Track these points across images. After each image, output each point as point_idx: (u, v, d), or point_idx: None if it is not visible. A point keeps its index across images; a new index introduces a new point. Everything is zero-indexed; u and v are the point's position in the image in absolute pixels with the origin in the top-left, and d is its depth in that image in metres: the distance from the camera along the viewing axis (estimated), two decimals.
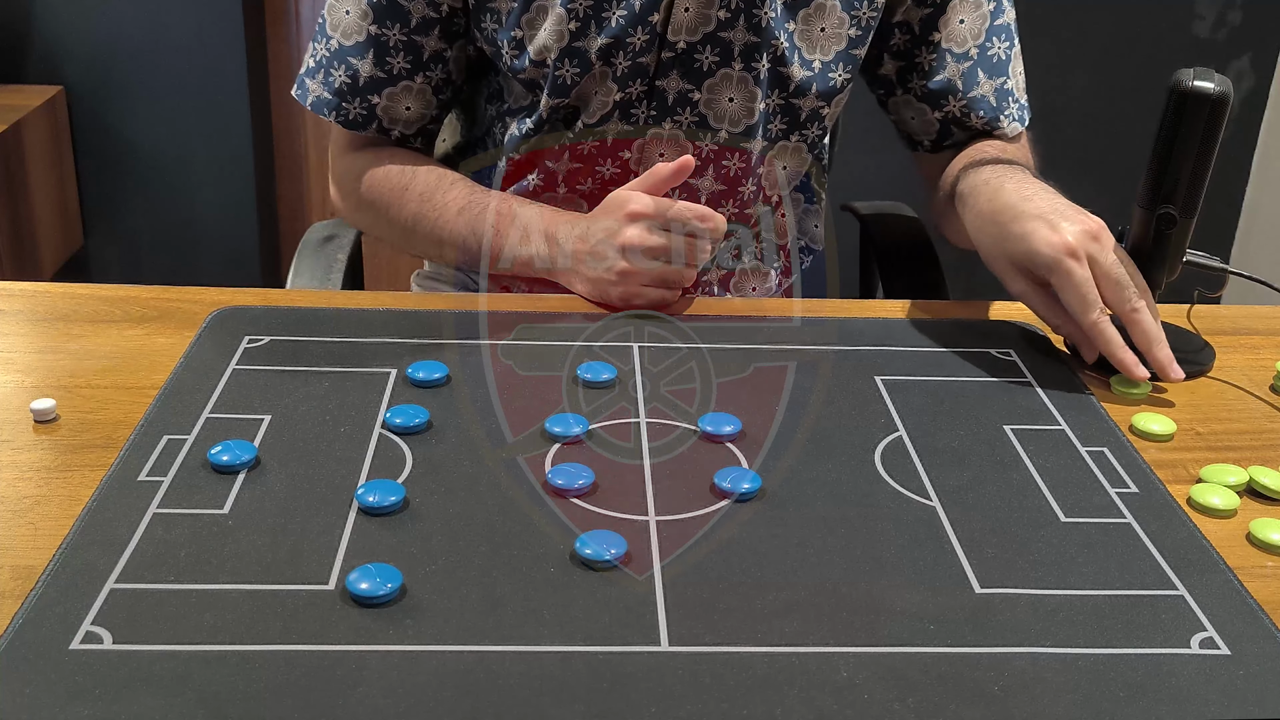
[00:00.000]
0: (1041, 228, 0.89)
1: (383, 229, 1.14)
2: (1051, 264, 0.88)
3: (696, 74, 1.06)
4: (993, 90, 1.13)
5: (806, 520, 0.72)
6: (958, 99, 1.12)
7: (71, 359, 0.87)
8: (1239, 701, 0.59)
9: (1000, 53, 1.13)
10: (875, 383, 0.88)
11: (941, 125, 1.15)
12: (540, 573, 0.66)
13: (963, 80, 1.12)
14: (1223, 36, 2.45)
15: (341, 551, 0.67)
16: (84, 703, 0.56)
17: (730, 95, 1.07)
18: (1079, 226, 0.89)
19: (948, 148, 1.16)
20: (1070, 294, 0.88)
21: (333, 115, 1.11)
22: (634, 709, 0.57)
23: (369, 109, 1.10)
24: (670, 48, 1.05)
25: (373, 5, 1.06)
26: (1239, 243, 2.58)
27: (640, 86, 1.06)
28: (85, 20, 2.34)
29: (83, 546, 0.66)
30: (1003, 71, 1.13)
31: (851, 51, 1.09)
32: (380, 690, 0.57)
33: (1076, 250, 0.88)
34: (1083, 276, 0.88)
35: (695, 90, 1.07)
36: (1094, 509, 0.75)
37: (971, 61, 1.12)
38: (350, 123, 1.11)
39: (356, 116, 1.11)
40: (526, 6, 1.04)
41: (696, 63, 1.06)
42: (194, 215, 2.50)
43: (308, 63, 1.12)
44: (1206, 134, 0.88)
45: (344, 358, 0.88)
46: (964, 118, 1.13)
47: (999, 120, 1.13)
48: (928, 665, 0.61)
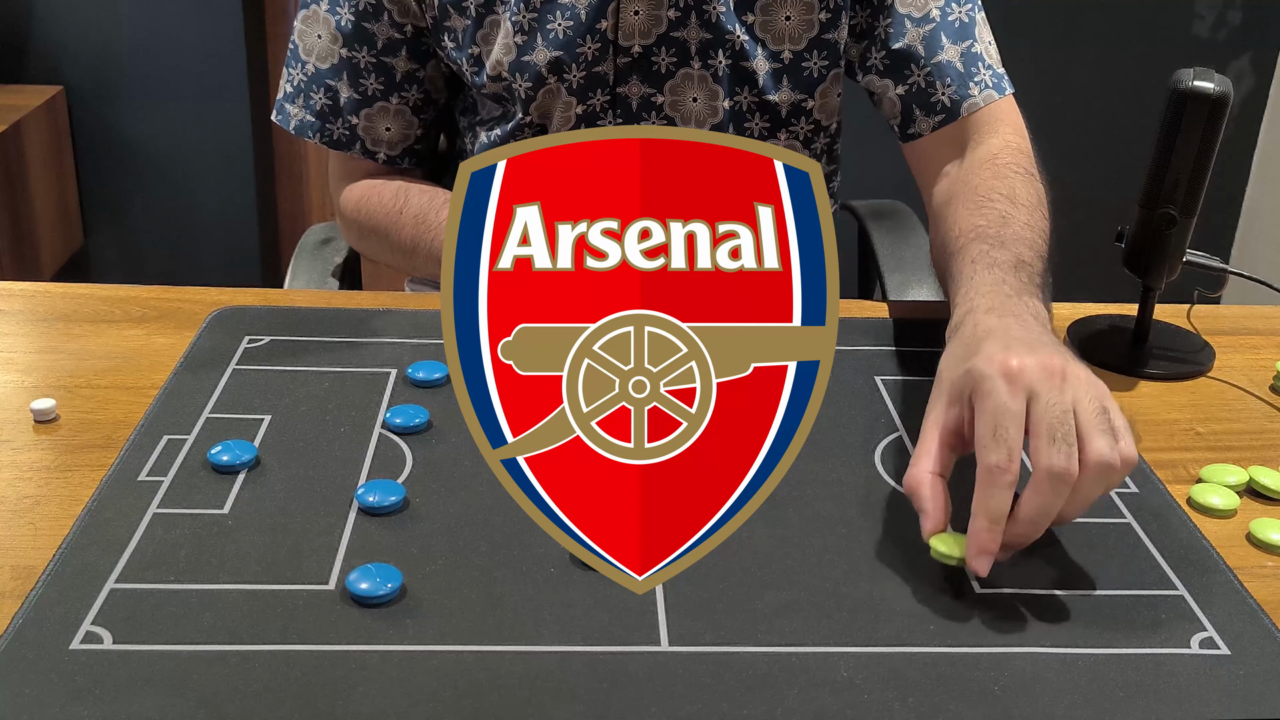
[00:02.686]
0: (994, 345, 0.71)
1: (385, 255, 1.15)
2: (978, 378, 0.69)
3: (656, 77, 1.06)
4: (958, 55, 1.06)
5: (806, 520, 0.72)
6: (921, 67, 1.06)
7: (71, 359, 0.87)
8: (1239, 701, 0.59)
9: (962, 16, 1.06)
10: (875, 383, 0.88)
11: (903, 103, 1.07)
12: (540, 573, 0.66)
13: (924, 45, 1.05)
14: (1223, 36, 2.45)
15: (341, 551, 0.67)
16: (84, 703, 0.56)
17: (693, 95, 1.07)
18: (1045, 358, 0.69)
19: (913, 135, 1.08)
20: (981, 420, 0.67)
21: (317, 137, 1.12)
22: (634, 709, 0.57)
23: (350, 129, 1.11)
24: (625, 53, 1.04)
25: (340, 29, 1.07)
26: (1239, 243, 2.58)
27: (603, 97, 1.06)
28: (85, 20, 2.34)
29: (83, 546, 0.66)
30: (968, 35, 1.06)
31: (825, 37, 1.06)
32: (380, 690, 0.57)
33: (1017, 375, 0.67)
34: (1004, 404, 0.67)
35: (658, 93, 1.06)
36: (1094, 509, 0.75)
37: (934, 24, 1.05)
38: (335, 143, 1.12)
39: (340, 137, 1.12)
40: (480, 23, 1.05)
41: (654, 65, 1.05)
42: (194, 215, 2.49)
43: (284, 88, 1.13)
44: (1206, 134, 0.88)
45: (344, 358, 0.88)
46: (929, 89, 1.06)
47: (969, 89, 1.05)
48: (928, 665, 0.61)
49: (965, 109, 1.05)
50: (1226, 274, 0.96)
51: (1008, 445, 0.65)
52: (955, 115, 1.06)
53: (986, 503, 0.64)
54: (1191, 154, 0.89)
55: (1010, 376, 0.67)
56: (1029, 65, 2.39)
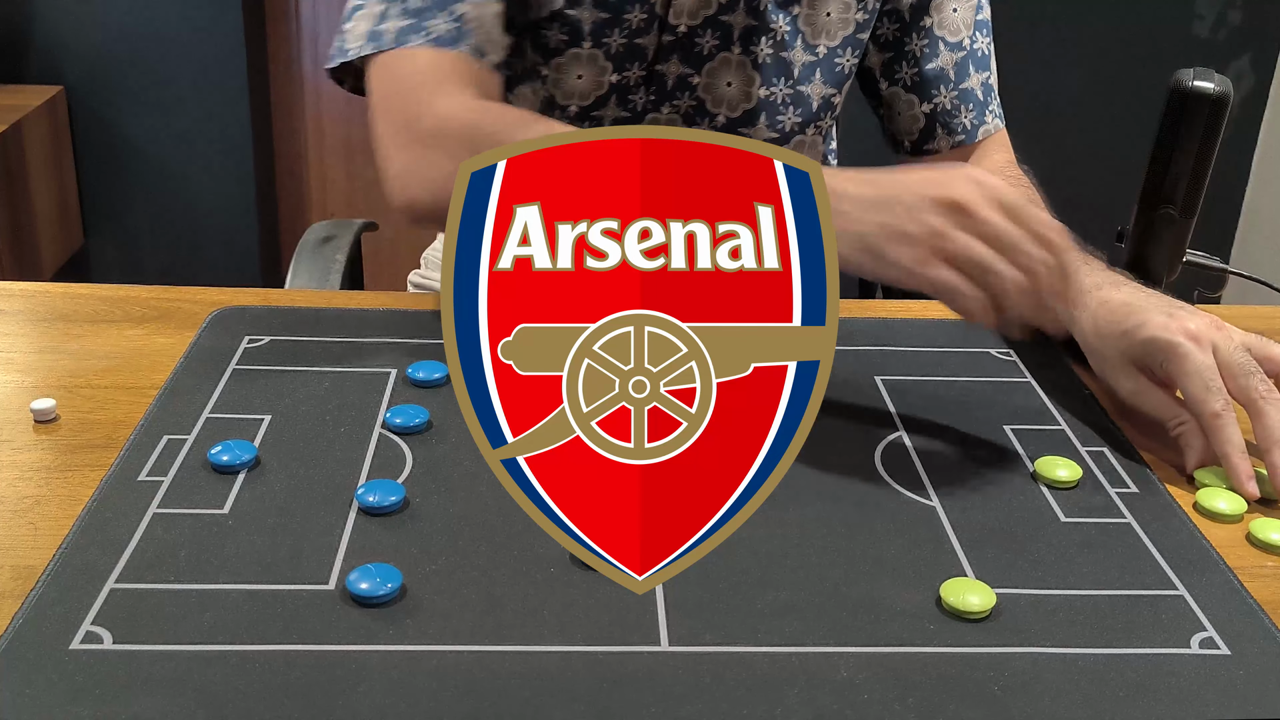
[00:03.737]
0: (1157, 315, 0.83)
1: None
2: (1168, 347, 0.81)
3: (696, 58, 1.06)
4: (979, 85, 1.12)
5: (806, 520, 0.72)
6: (949, 89, 1.11)
7: (71, 359, 0.87)
8: (1239, 701, 0.59)
9: (984, 48, 1.12)
10: (875, 383, 0.88)
11: (928, 120, 1.13)
12: (540, 573, 0.66)
13: (955, 70, 1.11)
14: (1223, 36, 2.45)
15: (341, 551, 0.67)
16: (84, 703, 0.56)
17: (728, 80, 1.07)
18: (1200, 316, 0.83)
19: (928, 152, 1.15)
20: (1190, 380, 0.80)
21: (421, 38, 0.96)
22: (634, 709, 0.57)
23: (458, 20, 0.97)
24: (671, 31, 1.04)
25: None
26: (1239, 243, 2.58)
27: (639, 71, 1.05)
28: (85, 20, 2.34)
29: (83, 546, 0.66)
30: (987, 66, 1.13)
31: (858, 36, 1.08)
32: (380, 690, 0.57)
33: (1198, 334, 0.81)
34: (1203, 361, 0.80)
35: (695, 74, 1.06)
36: (1094, 509, 0.75)
37: (964, 52, 1.11)
38: (441, 40, 0.97)
39: (446, 32, 0.97)
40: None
41: (697, 47, 1.05)
42: (194, 215, 2.50)
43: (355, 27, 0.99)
44: (1206, 134, 0.88)
45: (344, 358, 0.88)
46: (954, 111, 1.12)
47: (985, 117, 1.12)
48: (928, 665, 0.61)
49: (980, 134, 1.13)
50: (1226, 274, 0.96)
51: (1221, 393, 0.79)
52: (972, 139, 1.13)
53: (1230, 440, 0.78)
54: (1191, 154, 0.89)
55: (1194, 337, 0.80)
56: (1029, 65, 2.39)
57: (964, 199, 0.77)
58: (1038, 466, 0.78)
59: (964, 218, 0.77)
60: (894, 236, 0.77)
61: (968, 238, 0.76)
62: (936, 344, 0.95)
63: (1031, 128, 1.11)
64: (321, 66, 1.50)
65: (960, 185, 0.78)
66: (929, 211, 0.77)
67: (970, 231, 0.76)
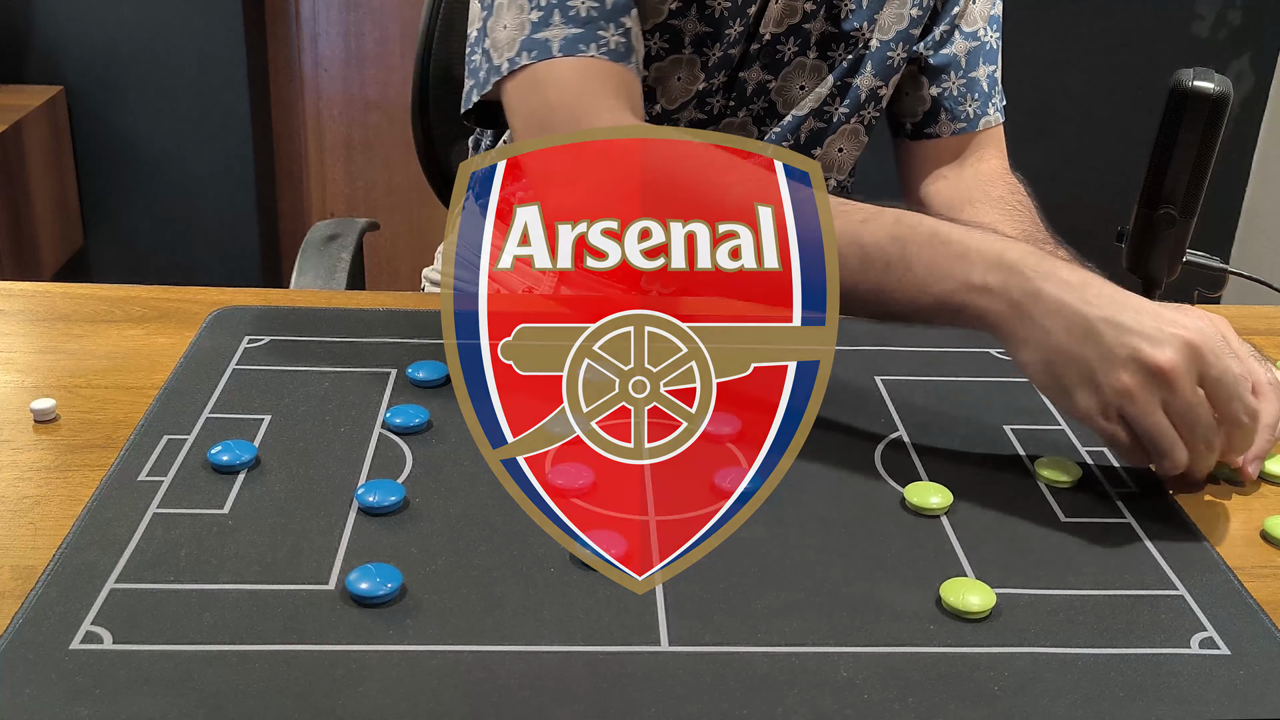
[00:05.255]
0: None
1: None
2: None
3: (776, 65, 1.08)
4: (985, 76, 1.14)
5: (806, 520, 0.72)
6: (958, 75, 1.13)
7: (71, 359, 0.87)
8: (1239, 701, 0.59)
9: (993, 41, 1.14)
10: (875, 383, 0.88)
11: (934, 103, 1.14)
12: (540, 573, 0.66)
13: (967, 59, 1.13)
14: (1223, 36, 2.45)
15: (341, 551, 0.67)
16: (84, 703, 0.56)
17: (801, 83, 1.09)
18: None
19: (929, 135, 1.16)
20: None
21: (593, 49, 0.93)
22: (634, 709, 0.57)
23: (625, 34, 0.93)
24: (758, 39, 1.05)
25: None
26: (1239, 243, 2.58)
27: (722, 77, 1.07)
28: (85, 20, 2.34)
29: (83, 546, 0.66)
30: (994, 60, 1.14)
31: (911, 31, 1.10)
32: (380, 690, 0.57)
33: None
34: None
35: (773, 79, 1.08)
36: (1094, 509, 0.75)
37: (978, 43, 1.13)
38: (614, 53, 0.93)
39: (618, 45, 0.93)
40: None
41: (778, 54, 1.07)
42: (194, 215, 2.50)
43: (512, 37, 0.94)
44: (1206, 134, 0.88)
45: (344, 358, 0.88)
46: (960, 98, 1.13)
47: (988, 108, 1.14)
48: (928, 665, 0.61)
49: (982, 124, 1.14)
50: (1226, 274, 0.96)
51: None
52: (973, 128, 1.14)
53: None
54: (1191, 154, 0.89)
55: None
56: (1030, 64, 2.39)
57: (1170, 368, 0.71)
58: (1038, 466, 0.78)
59: (1162, 389, 0.72)
60: (1082, 380, 0.73)
61: (1156, 411, 0.72)
62: (936, 344, 0.95)
63: (1032, 127, 1.12)
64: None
65: (1171, 351, 0.71)
66: (1126, 369, 0.72)
67: (1161, 402, 0.72)
